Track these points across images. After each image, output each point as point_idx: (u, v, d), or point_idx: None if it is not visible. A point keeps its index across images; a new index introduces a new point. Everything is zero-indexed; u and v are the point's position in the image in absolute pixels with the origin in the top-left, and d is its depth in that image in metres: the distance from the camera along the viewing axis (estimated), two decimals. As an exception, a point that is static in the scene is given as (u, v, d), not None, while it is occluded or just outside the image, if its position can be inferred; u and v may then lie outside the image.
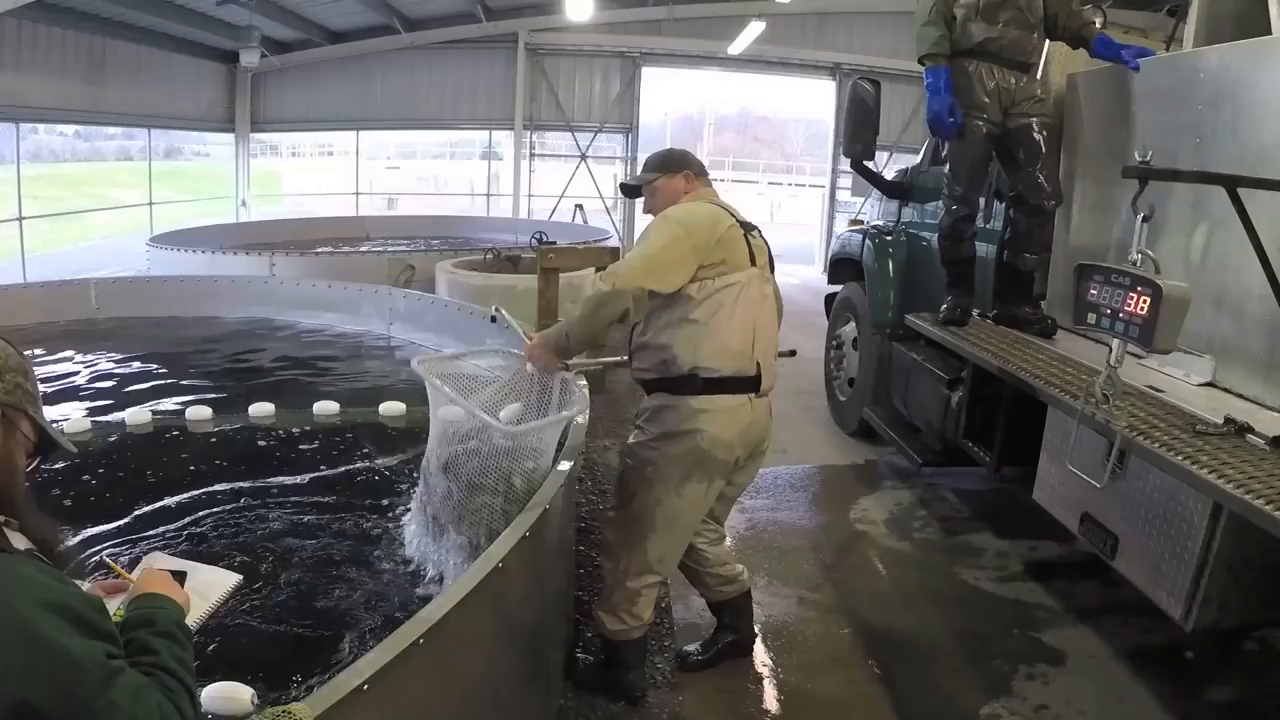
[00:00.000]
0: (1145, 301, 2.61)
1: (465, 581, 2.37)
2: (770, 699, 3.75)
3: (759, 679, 3.88)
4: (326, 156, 26.00)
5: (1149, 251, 2.71)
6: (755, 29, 15.31)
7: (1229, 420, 3.21)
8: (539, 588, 3.15)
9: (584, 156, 18.28)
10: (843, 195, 18.82)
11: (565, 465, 3.37)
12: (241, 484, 4.72)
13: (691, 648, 3.92)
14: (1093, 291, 2.78)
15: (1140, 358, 3.76)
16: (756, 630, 4.09)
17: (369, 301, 8.67)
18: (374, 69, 17.19)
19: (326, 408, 6.00)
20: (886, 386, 6.11)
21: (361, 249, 14.21)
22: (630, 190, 3.75)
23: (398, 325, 8.39)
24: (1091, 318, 2.78)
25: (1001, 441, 4.53)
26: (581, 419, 3.72)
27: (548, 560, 3.23)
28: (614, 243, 14.68)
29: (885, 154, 16.18)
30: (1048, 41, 4.86)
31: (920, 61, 4.70)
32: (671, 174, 3.56)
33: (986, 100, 4.66)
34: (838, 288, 7.31)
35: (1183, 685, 3.92)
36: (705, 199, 3.48)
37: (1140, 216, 2.70)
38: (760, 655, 4.02)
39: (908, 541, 5.27)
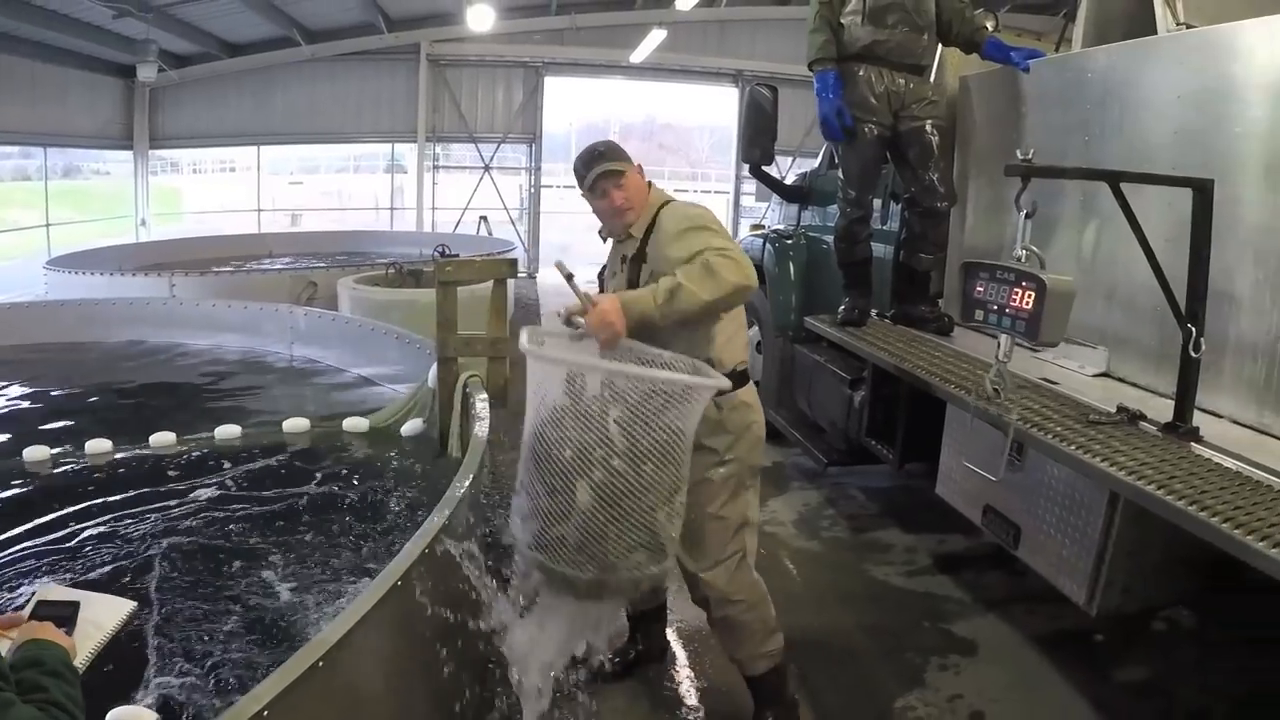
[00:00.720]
0: (1030, 296, 2.67)
1: (364, 601, 2.36)
2: (688, 704, 3.77)
3: (675, 685, 3.90)
4: (229, 173, 25.41)
5: (1033, 247, 2.78)
6: (657, 37, 15.39)
7: (1121, 409, 3.30)
8: (444, 602, 3.09)
9: (488, 168, 18.17)
10: (747, 201, 18.98)
11: (465, 481, 3.33)
12: (138, 512, 4.66)
13: (604, 658, 3.87)
14: (979, 289, 2.84)
15: (1036, 351, 3.85)
16: (669, 637, 4.10)
17: (270, 321, 8.57)
18: (275, 82, 16.90)
19: (228, 431, 5.92)
20: (790, 389, 6.16)
21: (264, 267, 13.97)
22: (600, 179, 3.14)
23: (300, 344, 8.30)
24: (979, 314, 2.84)
25: (903, 439, 4.60)
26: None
27: (452, 574, 3.19)
28: (518, 254, 14.63)
29: (789, 159, 16.38)
30: (941, 45, 4.95)
31: (810, 67, 4.76)
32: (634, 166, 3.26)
33: (876, 103, 4.71)
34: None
35: (1093, 668, 4.02)
36: (662, 196, 3.28)
37: (1024, 214, 2.76)
38: (674, 662, 4.04)
39: (817, 541, 5.32)
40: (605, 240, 3.44)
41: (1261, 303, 3.26)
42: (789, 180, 7.21)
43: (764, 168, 6.48)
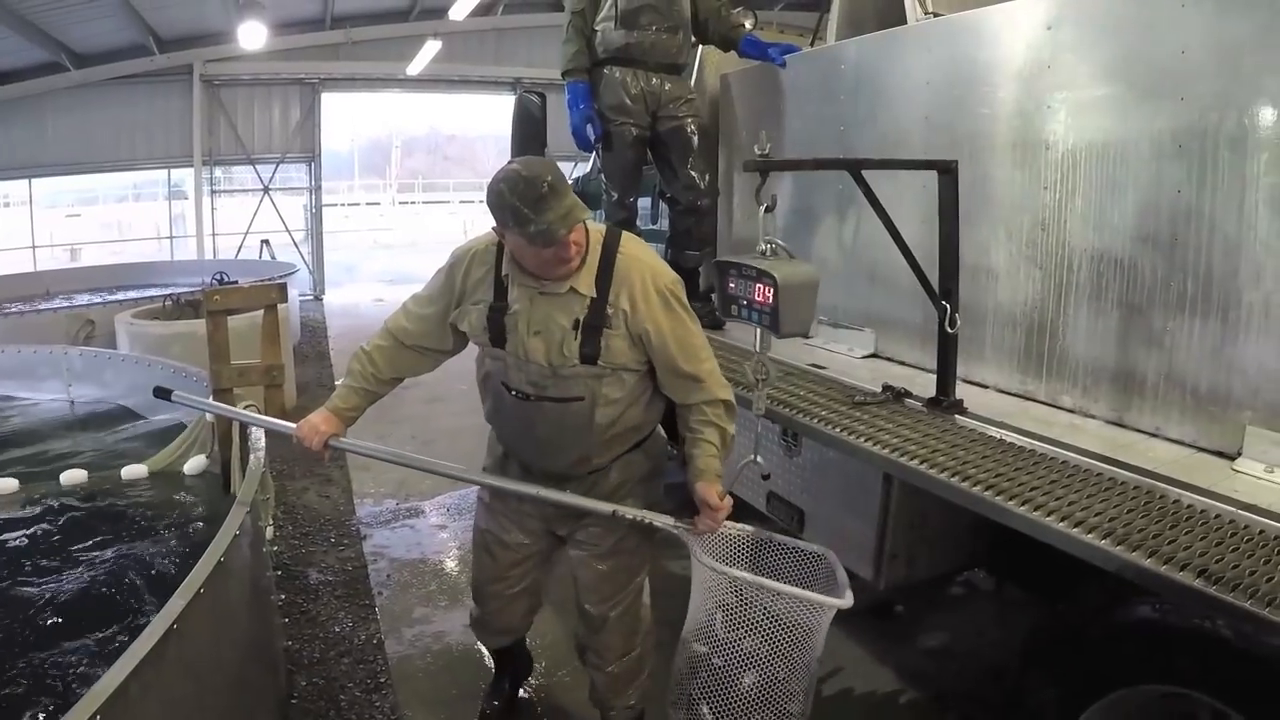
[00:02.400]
0: (769, 290, 2.69)
1: (138, 648, 2.21)
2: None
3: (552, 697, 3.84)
4: (1, 208, 23.90)
5: (778, 240, 2.80)
6: (432, 48, 15.22)
7: (887, 388, 3.39)
8: (231, 644, 2.97)
9: (267, 189, 17.60)
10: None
11: (240, 511, 3.17)
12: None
13: (485, 704, 3.63)
14: (731, 285, 2.85)
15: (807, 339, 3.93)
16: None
17: (44, 364, 8.00)
18: (45, 110, 15.82)
19: (5, 485, 5.47)
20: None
21: (39, 308, 13.12)
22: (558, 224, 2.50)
23: (77, 386, 7.80)
24: (734, 309, 2.84)
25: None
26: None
27: (237, 614, 3.06)
28: (303, 276, 14.21)
29: (571, 164, 16.48)
30: (700, 44, 4.98)
31: (562, 77, 4.74)
32: None
33: (633, 104, 4.69)
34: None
35: (895, 638, 4.14)
36: (596, 230, 2.80)
37: (763, 208, 2.78)
38: (541, 674, 3.97)
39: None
40: (503, 275, 2.78)
41: (1015, 275, 3.40)
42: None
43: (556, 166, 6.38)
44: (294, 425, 3.00)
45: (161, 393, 3.50)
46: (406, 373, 3.04)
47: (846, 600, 2.68)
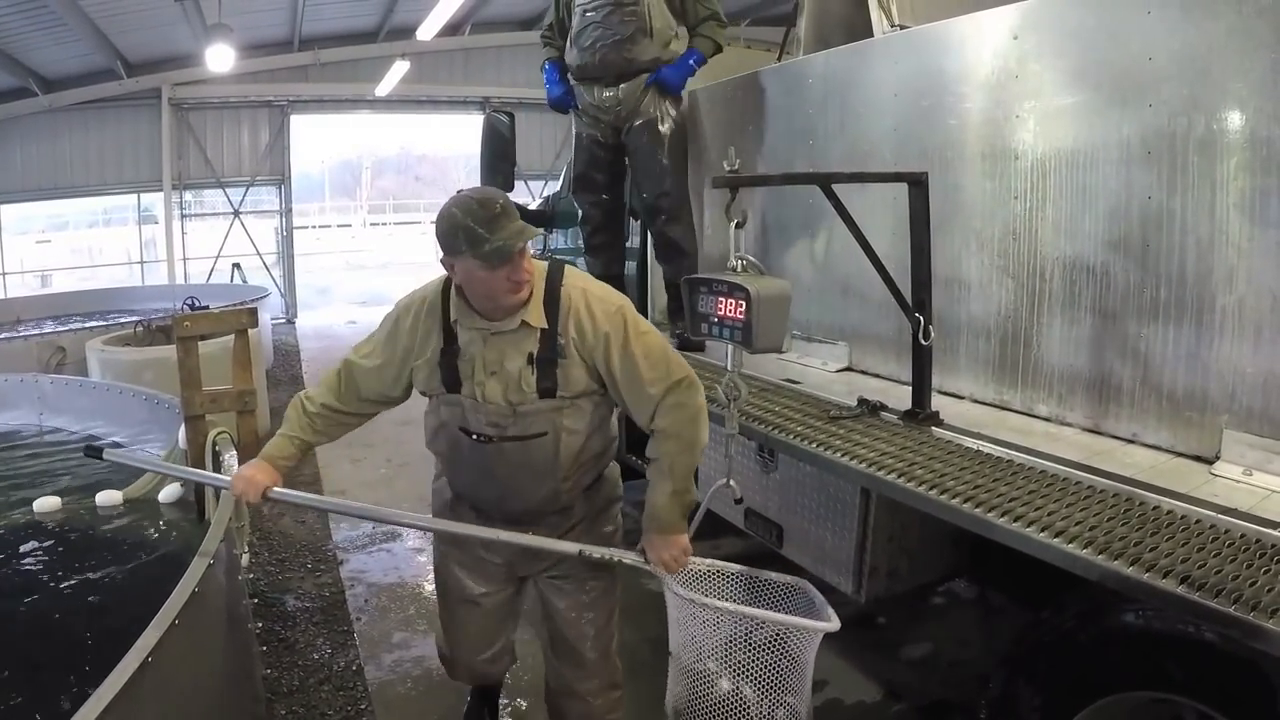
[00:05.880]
0: (741, 306, 2.67)
1: (112, 682, 2.16)
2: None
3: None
4: (-32, 236, 23.64)
5: (748, 256, 2.78)
6: (400, 69, 15.23)
7: (862, 401, 3.38)
8: (208, 674, 2.94)
9: (237, 213, 17.51)
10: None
11: (215, 539, 3.12)
12: None
13: None
14: (701, 302, 2.83)
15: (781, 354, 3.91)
16: None
17: (15, 392, 7.92)
18: (12, 136, 15.68)
19: (-21, 516, 5.40)
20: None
21: (9, 335, 12.99)
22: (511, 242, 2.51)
23: (49, 414, 7.72)
24: (705, 327, 2.82)
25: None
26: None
27: (214, 643, 3.02)
28: (274, 300, 14.12)
29: (541, 182, 16.52)
30: None
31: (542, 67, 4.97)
32: None
33: (598, 116, 4.78)
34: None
35: (879, 649, 4.13)
36: (538, 262, 2.78)
37: (734, 224, 2.76)
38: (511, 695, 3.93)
39: (589, 563, 5.22)
40: (452, 321, 2.72)
41: (988, 285, 3.40)
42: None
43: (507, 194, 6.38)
44: (228, 480, 2.94)
45: (93, 452, 3.43)
46: (346, 431, 3.01)
47: (833, 624, 2.68)
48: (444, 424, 2.81)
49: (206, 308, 7.95)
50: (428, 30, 13.68)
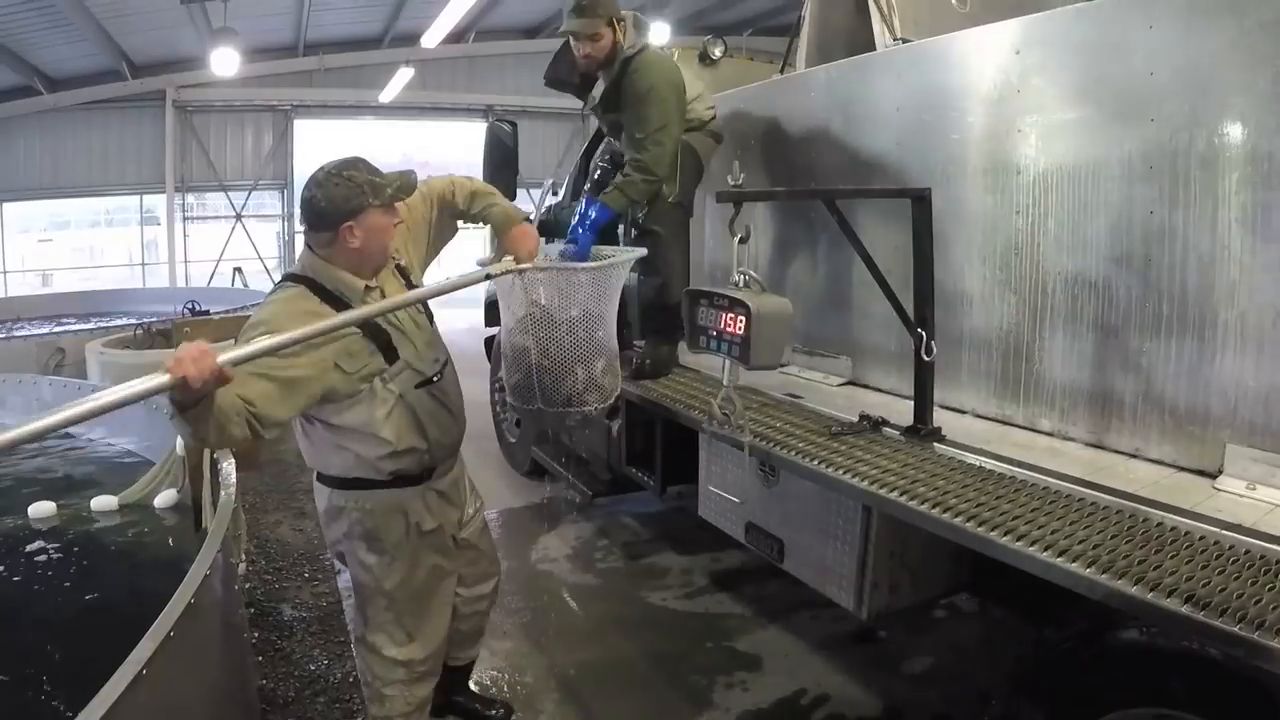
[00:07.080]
0: (740, 321, 2.67)
1: (105, 695, 2.14)
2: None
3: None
4: (-30, 233, 23.60)
5: (750, 271, 2.77)
6: (405, 75, 15.28)
7: (864, 416, 3.37)
8: (203, 686, 2.92)
9: (240, 216, 17.53)
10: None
11: (211, 549, 3.11)
12: None
13: None
14: (701, 316, 2.83)
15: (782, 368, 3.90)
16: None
17: (13, 393, 7.89)
18: (15, 134, 15.77)
19: (-27, 519, 5.37)
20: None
21: (9, 335, 12.95)
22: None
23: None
24: (703, 341, 2.82)
25: (662, 464, 4.54)
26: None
27: (209, 655, 3.01)
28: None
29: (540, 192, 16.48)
30: None
31: None
32: None
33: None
34: (495, 329, 7.17)
35: (880, 664, 4.13)
36: None
37: (737, 239, 2.76)
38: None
39: (592, 574, 5.25)
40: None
41: (990, 299, 3.39)
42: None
43: None
44: (164, 377, 2.25)
45: None
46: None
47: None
48: (401, 396, 2.85)
49: (207, 312, 7.95)
50: (432, 37, 13.73)
